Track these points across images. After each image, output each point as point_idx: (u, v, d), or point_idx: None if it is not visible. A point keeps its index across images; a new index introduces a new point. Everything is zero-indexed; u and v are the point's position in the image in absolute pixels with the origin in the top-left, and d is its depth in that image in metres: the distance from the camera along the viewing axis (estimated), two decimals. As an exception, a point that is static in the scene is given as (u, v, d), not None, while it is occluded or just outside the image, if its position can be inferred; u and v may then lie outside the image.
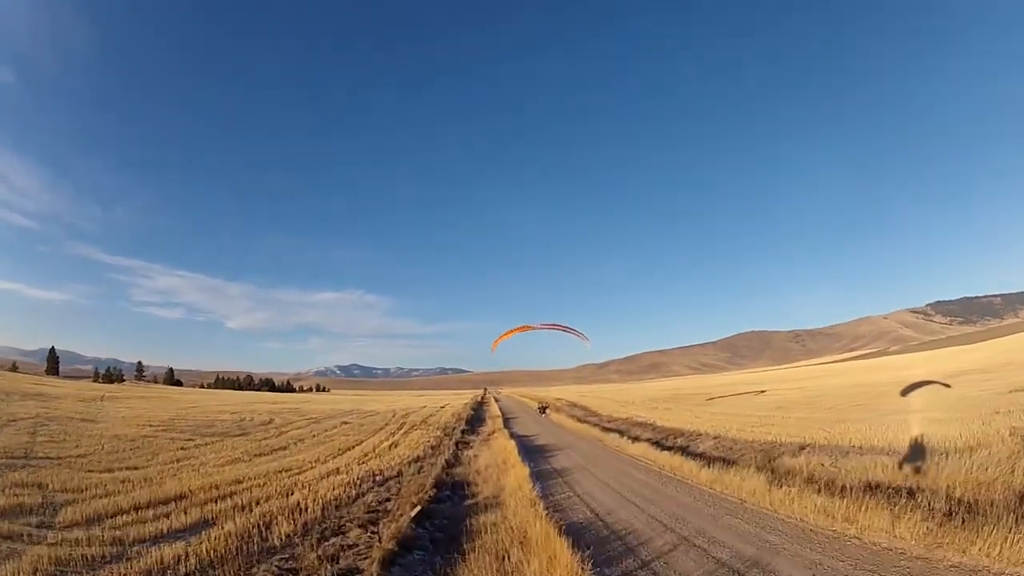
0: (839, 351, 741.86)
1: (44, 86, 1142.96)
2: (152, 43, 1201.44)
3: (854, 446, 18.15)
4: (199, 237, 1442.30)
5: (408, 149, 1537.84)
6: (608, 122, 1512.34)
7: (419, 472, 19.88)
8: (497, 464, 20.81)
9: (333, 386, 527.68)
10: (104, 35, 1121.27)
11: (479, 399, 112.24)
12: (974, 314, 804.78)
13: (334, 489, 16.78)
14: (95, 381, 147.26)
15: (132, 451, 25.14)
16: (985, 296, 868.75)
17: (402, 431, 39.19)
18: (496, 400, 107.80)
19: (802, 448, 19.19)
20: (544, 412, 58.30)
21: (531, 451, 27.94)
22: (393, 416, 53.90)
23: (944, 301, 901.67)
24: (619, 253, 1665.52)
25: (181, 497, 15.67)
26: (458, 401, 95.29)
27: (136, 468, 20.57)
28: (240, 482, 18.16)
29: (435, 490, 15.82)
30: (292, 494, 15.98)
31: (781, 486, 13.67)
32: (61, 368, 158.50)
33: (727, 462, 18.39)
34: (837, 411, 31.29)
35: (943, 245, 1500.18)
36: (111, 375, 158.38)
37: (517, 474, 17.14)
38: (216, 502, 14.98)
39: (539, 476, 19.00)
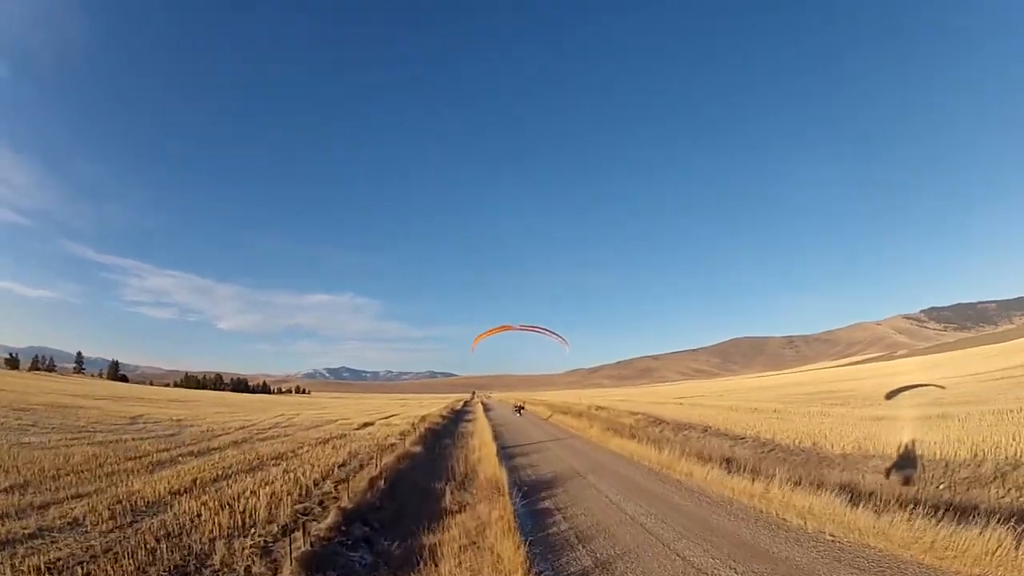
0: (834, 357, 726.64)
1: (41, 81, 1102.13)
2: (149, 42, 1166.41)
3: None
4: (190, 237, 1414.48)
5: (401, 153, 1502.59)
6: (602, 128, 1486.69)
7: None
8: None
9: (319, 388, 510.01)
10: (102, 31, 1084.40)
11: (458, 407, 74.74)
12: (968, 320, 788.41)
13: None
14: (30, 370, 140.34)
15: None
16: (980, 302, 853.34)
17: None
18: (486, 409, 69.50)
19: None
20: (519, 412, 54.27)
21: None
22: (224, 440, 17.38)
23: (938, 307, 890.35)
24: (613, 258, 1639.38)
25: None
26: (427, 409, 58.25)
27: None
28: None
29: None
30: None
31: None
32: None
33: None
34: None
35: (938, 252, 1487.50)
36: (14, 363, 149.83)
37: None
38: None
39: None
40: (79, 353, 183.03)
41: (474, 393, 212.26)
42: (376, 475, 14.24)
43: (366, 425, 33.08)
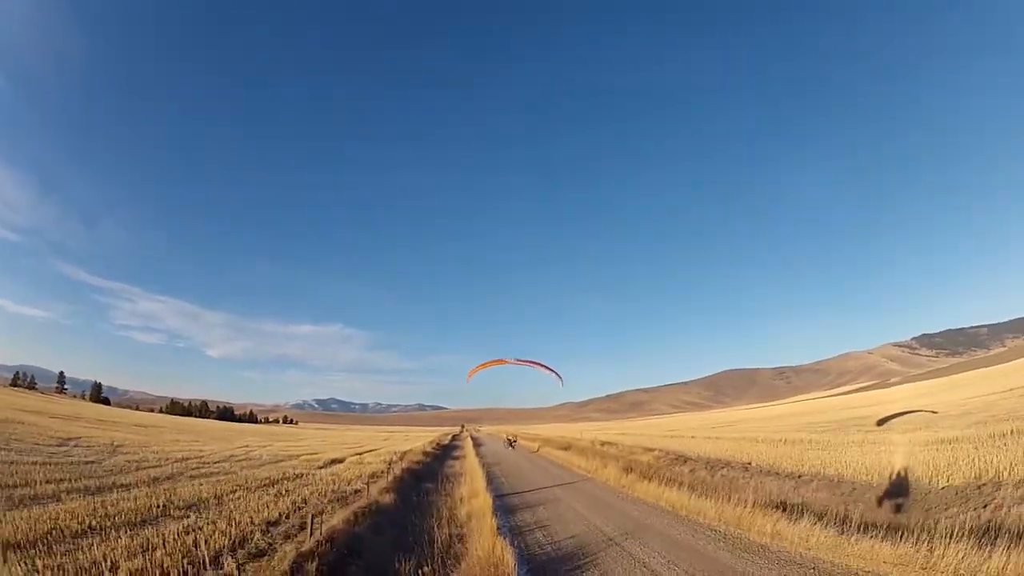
0: (825, 387, 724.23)
1: (36, 95, 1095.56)
2: (144, 67, 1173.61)
3: None
4: (180, 262, 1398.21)
5: (388, 181, 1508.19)
6: (589, 153, 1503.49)
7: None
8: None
9: (307, 420, 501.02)
10: (98, 49, 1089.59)
11: (446, 441, 68.87)
12: (960, 346, 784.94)
13: None
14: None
15: None
16: (971, 327, 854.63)
17: None
18: (476, 443, 63.24)
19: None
20: (512, 445, 52.58)
21: None
22: None
23: (929, 334, 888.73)
24: (601, 290, 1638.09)
25: None
26: (412, 443, 52.55)
27: None
28: None
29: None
30: None
31: None
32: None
33: None
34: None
35: (927, 278, 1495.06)
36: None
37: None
38: None
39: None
40: (61, 373, 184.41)
41: (463, 426, 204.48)
42: (310, 549, 9.15)
43: (334, 462, 27.72)
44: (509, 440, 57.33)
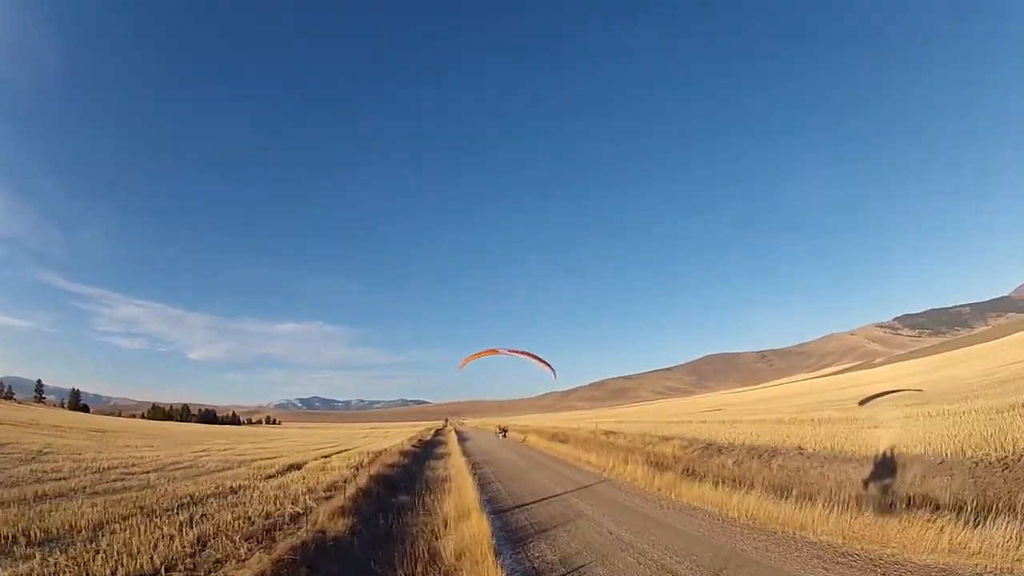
0: (809, 369, 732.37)
1: (11, 104, 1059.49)
2: (120, 72, 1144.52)
3: None
4: (160, 266, 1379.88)
5: (368, 178, 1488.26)
6: (572, 152, 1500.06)
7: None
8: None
9: (290, 419, 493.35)
10: (72, 54, 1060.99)
11: (428, 437, 64.16)
12: (943, 325, 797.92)
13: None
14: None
15: None
16: (954, 307, 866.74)
17: None
18: (461, 438, 58.29)
19: None
20: (503, 435, 52.00)
21: None
22: None
23: (912, 314, 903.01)
24: (582, 278, 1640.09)
25: None
26: (391, 440, 47.84)
27: None
28: None
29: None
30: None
31: None
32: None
33: None
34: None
35: (908, 258, 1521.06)
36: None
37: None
38: None
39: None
40: (39, 381, 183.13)
41: (447, 420, 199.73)
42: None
43: (291, 468, 22.81)
44: (500, 430, 57.00)
